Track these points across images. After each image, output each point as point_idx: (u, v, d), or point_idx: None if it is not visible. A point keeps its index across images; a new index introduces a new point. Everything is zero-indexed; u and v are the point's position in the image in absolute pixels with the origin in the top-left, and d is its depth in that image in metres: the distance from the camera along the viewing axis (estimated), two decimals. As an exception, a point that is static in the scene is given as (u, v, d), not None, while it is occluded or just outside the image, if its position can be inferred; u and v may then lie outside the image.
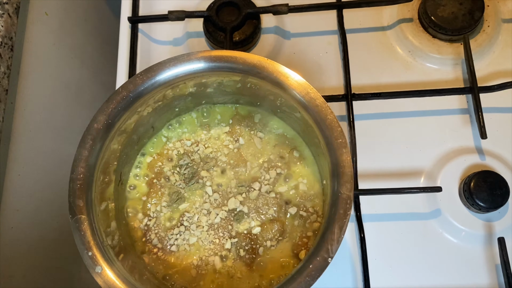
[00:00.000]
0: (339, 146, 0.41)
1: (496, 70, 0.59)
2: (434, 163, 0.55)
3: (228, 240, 0.48)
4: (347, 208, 0.39)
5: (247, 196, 0.49)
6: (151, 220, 0.49)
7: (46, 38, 0.67)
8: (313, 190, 0.49)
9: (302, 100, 0.43)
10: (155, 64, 0.45)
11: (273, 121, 0.52)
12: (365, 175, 0.55)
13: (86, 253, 0.40)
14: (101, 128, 0.43)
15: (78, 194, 0.41)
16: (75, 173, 0.42)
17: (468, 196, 0.51)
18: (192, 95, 0.50)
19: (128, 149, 0.49)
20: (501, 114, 0.57)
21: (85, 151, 0.43)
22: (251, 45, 0.61)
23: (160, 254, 0.48)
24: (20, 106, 0.59)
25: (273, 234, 0.47)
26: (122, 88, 0.44)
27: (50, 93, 0.67)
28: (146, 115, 0.48)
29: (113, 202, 0.48)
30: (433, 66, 0.60)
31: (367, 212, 0.54)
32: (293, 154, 0.51)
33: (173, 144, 0.52)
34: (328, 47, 0.61)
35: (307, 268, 0.38)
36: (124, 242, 0.47)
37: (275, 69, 0.44)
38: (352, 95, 0.56)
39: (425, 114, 0.58)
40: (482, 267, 0.51)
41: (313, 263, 0.38)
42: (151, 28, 0.64)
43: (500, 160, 0.54)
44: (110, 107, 0.44)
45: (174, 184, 0.50)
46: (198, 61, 0.45)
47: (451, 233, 0.53)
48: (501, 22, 0.60)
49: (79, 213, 0.41)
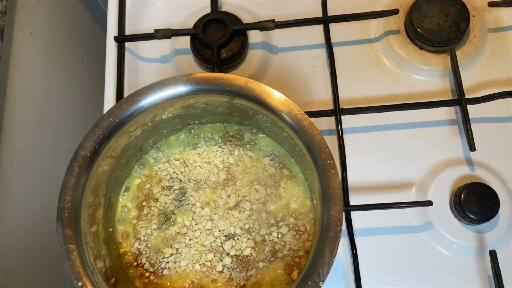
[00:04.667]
0: (328, 168, 0.41)
1: (484, 80, 0.59)
2: (425, 175, 0.55)
3: (219, 263, 0.47)
4: (337, 231, 0.39)
5: (237, 216, 0.49)
6: (142, 243, 0.49)
7: (33, 58, 0.66)
8: (304, 208, 0.49)
9: (289, 121, 0.43)
10: (141, 89, 0.45)
11: (262, 140, 0.52)
12: (356, 189, 0.55)
13: (76, 283, 0.40)
14: (88, 155, 0.43)
15: (66, 223, 0.41)
16: (62, 202, 0.42)
17: (459, 209, 0.51)
18: (180, 116, 0.50)
19: (116, 172, 0.49)
20: (490, 124, 0.57)
21: (72, 179, 0.42)
22: (238, 61, 0.61)
23: (152, 278, 0.48)
24: (7, 129, 0.59)
25: (265, 255, 0.47)
26: (108, 114, 0.44)
27: (39, 113, 0.67)
28: (134, 138, 0.48)
29: (102, 227, 0.47)
30: (421, 78, 0.60)
31: (358, 227, 0.54)
32: (283, 172, 0.51)
33: (162, 165, 0.52)
34: (316, 61, 0.61)
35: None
36: (115, 266, 0.47)
37: (261, 90, 0.44)
38: (341, 110, 0.56)
39: (414, 126, 0.58)
40: (475, 279, 0.52)
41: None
42: (138, 47, 0.64)
43: (489, 170, 0.55)
44: (96, 133, 0.44)
45: (164, 206, 0.50)
46: (184, 84, 0.45)
47: (443, 245, 0.53)
48: (487, 31, 0.60)
49: (68, 243, 0.41)
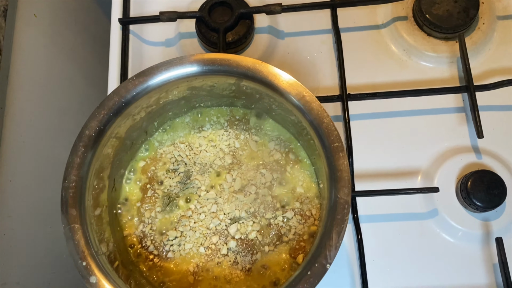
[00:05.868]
0: (336, 150, 0.40)
1: (492, 67, 0.58)
2: (431, 163, 0.55)
3: (224, 246, 0.47)
4: (345, 213, 0.39)
5: (243, 200, 0.48)
6: (146, 226, 0.48)
7: (36, 40, 0.65)
8: (310, 193, 0.48)
9: (297, 104, 0.42)
10: (147, 69, 0.44)
11: (268, 124, 0.51)
12: (362, 175, 0.55)
13: (80, 263, 0.39)
14: (92, 135, 0.42)
15: (71, 202, 0.41)
16: (67, 182, 0.41)
17: (465, 196, 0.51)
18: (186, 98, 0.49)
19: (121, 154, 0.48)
20: (497, 112, 0.56)
21: (77, 158, 0.42)
22: (244, 45, 0.60)
23: (157, 261, 0.47)
24: (10, 111, 0.58)
25: (270, 239, 0.47)
26: (114, 93, 0.44)
27: (41, 96, 0.66)
28: (139, 120, 0.47)
29: (107, 209, 0.47)
30: (428, 65, 0.59)
31: (364, 213, 0.53)
32: (289, 156, 0.50)
33: (166, 148, 0.51)
34: (323, 47, 0.61)
35: (305, 275, 0.37)
36: (119, 249, 0.47)
37: (269, 72, 0.43)
38: (348, 96, 0.55)
39: (421, 113, 0.57)
40: (480, 267, 0.51)
41: (312, 270, 0.37)
42: (143, 29, 0.63)
43: (496, 159, 0.54)
44: (101, 113, 0.43)
45: (168, 189, 0.50)
46: (191, 65, 0.44)
47: (448, 233, 0.52)
48: (496, 19, 0.59)
49: (73, 222, 0.40)
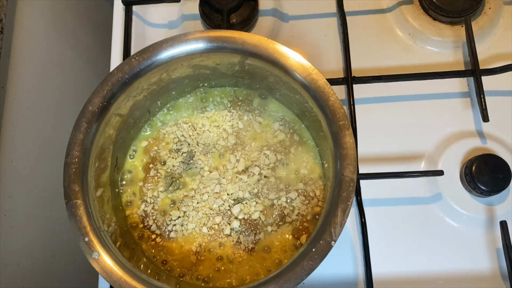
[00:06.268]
0: (342, 128, 0.40)
1: (497, 53, 0.58)
2: (435, 147, 0.55)
3: (227, 226, 0.47)
4: (350, 190, 0.38)
5: (246, 181, 0.48)
6: (148, 206, 0.48)
7: (37, 21, 0.65)
8: (314, 174, 0.48)
9: (303, 82, 0.42)
10: (151, 45, 0.44)
11: (272, 105, 0.51)
12: (366, 159, 0.54)
13: (83, 238, 0.39)
14: (96, 111, 0.42)
15: (73, 178, 0.40)
16: (69, 157, 0.41)
17: (470, 180, 0.50)
18: (189, 77, 0.48)
19: (124, 133, 0.48)
20: (502, 98, 0.56)
21: (80, 134, 0.41)
22: (248, 27, 0.60)
23: (159, 241, 0.47)
24: (11, 91, 0.57)
25: (273, 219, 0.47)
26: (117, 69, 0.43)
27: (42, 78, 0.66)
28: (142, 98, 0.47)
29: (109, 188, 0.46)
30: (433, 49, 0.59)
31: (367, 197, 0.53)
32: (293, 137, 0.50)
33: (169, 128, 0.51)
34: (327, 30, 0.60)
35: (309, 252, 0.37)
36: (121, 228, 0.46)
37: (275, 50, 0.43)
38: (353, 78, 0.55)
39: (425, 97, 0.57)
40: (483, 251, 0.51)
41: (316, 247, 0.37)
42: (146, 11, 0.62)
43: (501, 143, 0.54)
44: (105, 89, 0.42)
45: (171, 169, 0.49)
46: (196, 42, 0.43)
47: (452, 217, 0.52)
48: (502, 4, 0.59)
49: (75, 198, 0.40)
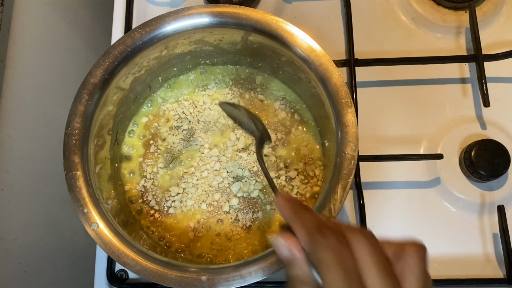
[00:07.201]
0: (344, 106, 0.40)
1: (500, 39, 0.58)
2: (435, 132, 0.55)
3: (226, 203, 0.47)
4: (351, 168, 0.38)
5: (246, 159, 0.48)
6: (148, 181, 0.48)
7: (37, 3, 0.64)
8: (314, 154, 0.48)
9: (306, 58, 0.42)
10: (154, 18, 0.43)
11: (274, 84, 0.50)
12: (366, 141, 0.54)
13: (82, 209, 0.39)
14: (97, 83, 0.42)
15: (73, 149, 0.40)
16: (70, 128, 0.40)
17: (469, 165, 0.50)
18: (191, 53, 0.48)
19: (124, 108, 0.47)
20: (502, 84, 0.56)
21: (80, 106, 0.41)
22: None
23: (158, 216, 0.47)
24: (10, 65, 0.57)
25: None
26: (119, 42, 0.43)
27: (42, 55, 0.65)
28: (144, 72, 0.46)
29: (108, 163, 0.46)
30: (436, 34, 0.58)
31: (367, 180, 0.53)
32: (294, 117, 0.50)
33: (170, 104, 0.50)
34: (331, 13, 0.60)
35: (309, 227, 0.37)
36: (121, 204, 0.46)
37: (279, 26, 0.42)
38: (355, 61, 0.55)
39: (426, 82, 0.57)
40: (480, 236, 0.51)
41: (316, 223, 0.37)
42: (148, -12, 0.62)
43: (501, 129, 0.54)
44: (107, 61, 0.42)
45: (171, 146, 0.49)
46: (199, 16, 0.43)
47: (450, 201, 0.52)
48: (506, -9, 0.59)
49: (75, 169, 0.39)
